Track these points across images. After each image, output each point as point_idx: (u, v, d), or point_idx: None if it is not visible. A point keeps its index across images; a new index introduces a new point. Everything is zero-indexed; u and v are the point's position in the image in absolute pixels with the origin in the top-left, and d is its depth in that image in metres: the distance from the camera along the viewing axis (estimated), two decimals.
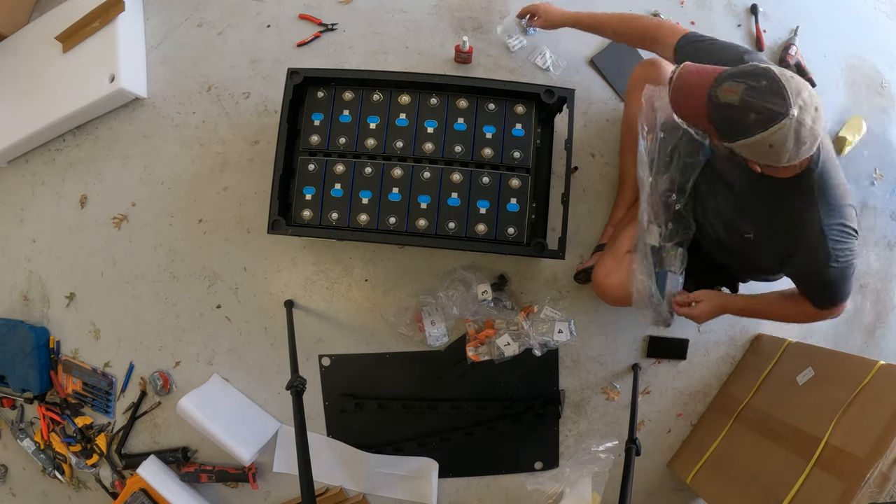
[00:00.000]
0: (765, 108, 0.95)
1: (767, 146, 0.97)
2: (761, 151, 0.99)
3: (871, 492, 1.13)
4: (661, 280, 1.39)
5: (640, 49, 1.48)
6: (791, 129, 0.94)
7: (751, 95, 0.96)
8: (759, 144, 0.97)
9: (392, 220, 1.48)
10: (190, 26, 1.81)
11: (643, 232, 1.37)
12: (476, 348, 1.66)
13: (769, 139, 0.96)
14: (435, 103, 1.51)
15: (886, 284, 1.82)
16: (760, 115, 0.95)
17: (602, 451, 1.69)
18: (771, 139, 0.96)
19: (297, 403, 1.29)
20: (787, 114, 0.94)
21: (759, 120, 0.95)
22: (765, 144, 0.97)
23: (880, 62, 1.87)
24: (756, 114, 0.95)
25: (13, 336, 1.73)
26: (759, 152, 1.00)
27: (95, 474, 1.76)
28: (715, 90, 0.99)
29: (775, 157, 0.99)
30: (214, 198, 1.75)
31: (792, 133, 0.95)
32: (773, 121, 0.94)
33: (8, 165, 1.83)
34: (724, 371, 1.76)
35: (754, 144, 0.98)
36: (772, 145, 0.96)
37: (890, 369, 1.28)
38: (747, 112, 0.96)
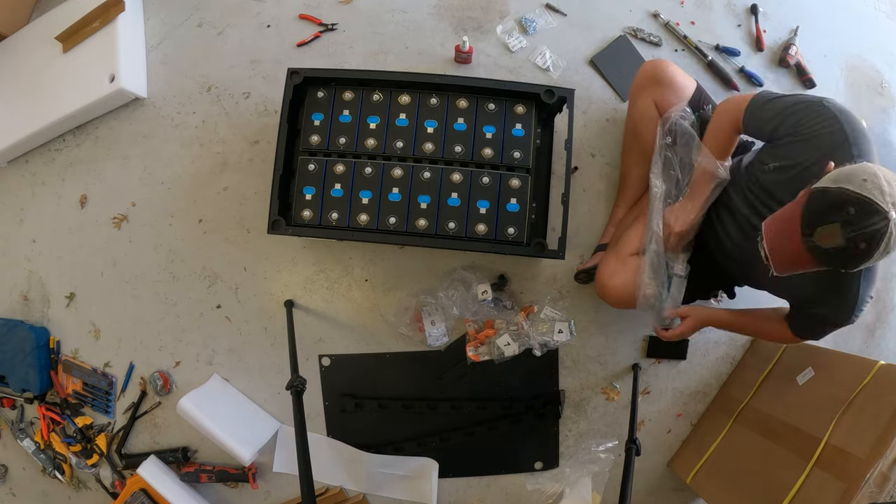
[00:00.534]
0: (872, 232, 0.89)
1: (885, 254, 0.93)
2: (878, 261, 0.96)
3: (871, 492, 1.13)
4: (667, 285, 1.40)
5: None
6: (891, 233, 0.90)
7: (852, 230, 0.90)
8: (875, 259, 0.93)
9: (392, 220, 1.48)
10: (190, 26, 1.81)
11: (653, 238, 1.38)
12: (476, 348, 1.66)
13: (886, 250, 0.92)
14: (435, 103, 1.51)
15: (886, 284, 1.82)
16: (871, 240, 0.90)
17: (602, 451, 1.69)
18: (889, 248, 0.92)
19: (297, 403, 1.29)
20: (888, 218, 0.89)
21: (870, 245, 0.90)
22: (885, 254, 0.93)
23: (880, 62, 1.87)
24: (866, 242, 0.90)
25: (13, 336, 1.73)
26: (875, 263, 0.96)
27: (95, 474, 1.76)
28: (811, 242, 0.94)
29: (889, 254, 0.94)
30: (214, 198, 1.75)
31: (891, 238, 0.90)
32: (882, 237, 0.90)
33: (8, 165, 1.83)
34: (723, 371, 1.76)
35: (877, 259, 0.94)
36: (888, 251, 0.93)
37: (890, 369, 1.28)
38: (856, 246, 0.91)
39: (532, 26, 1.77)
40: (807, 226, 0.94)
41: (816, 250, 0.94)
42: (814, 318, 1.25)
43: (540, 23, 1.78)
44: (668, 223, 1.38)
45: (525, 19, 1.77)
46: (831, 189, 0.93)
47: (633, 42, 1.78)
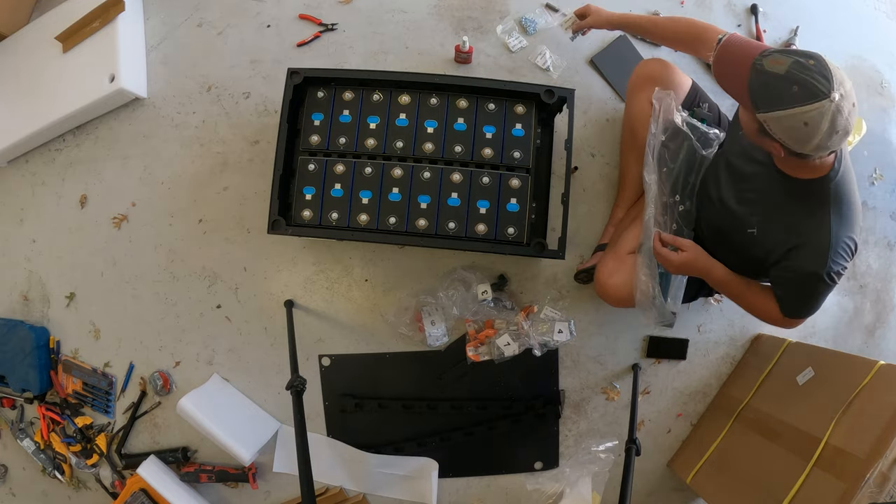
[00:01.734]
0: (809, 83, 0.94)
1: (802, 123, 0.96)
2: (793, 127, 0.98)
3: (871, 492, 1.13)
4: (664, 281, 1.39)
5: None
6: (829, 111, 0.94)
7: (797, 69, 0.95)
8: (794, 119, 0.96)
9: (392, 220, 1.48)
10: (190, 26, 1.81)
11: (648, 234, 1.37)
12: (476, 348, 1.66)
13: (805, 115, 0.95)
14: (435, 103, 1.51)
15: (886, 284, 1.82)
16: (803, 90, 0.94)
17: (602, 451, 1.69)
18: (807, 116, 0.95)
19: (297, 403, 1.29)
20: (830, 96, 0.93)
21: (800, 93, 0.95)
22: (800, 120, 0.96)
23: (880, 62, 1.87)
24: (799, 87, 0.95)
25: (13, 336, 1.73)
26: (791, 128, 0.98)
27: (95, 474, 1.76)
28: (761, 60, 1.00)
29: (805, 138, 0.97)
30: (214, 198, 1.75)
31: (829, 116, 0.94)
32: (814, 97, 0.94)
33: (8, 165, 1.83)
34: (723, 371, 1.76)
35: (789, 118, 0.97)
36: (807, 123, 0.95)
37: (890, 369, 1.28)
38: (791, 84, 0.95)
39: (532, 26, 1.77)
40: (766, 52, 1.01)
41: (756, 68, 1.00)
42: (793, 278, 1.19)
43: (540, 23, 1.78)
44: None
45: (525, 19, 1.77)
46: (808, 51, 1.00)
47: (632, 42, 1.78)
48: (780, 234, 1.19)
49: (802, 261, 1.15)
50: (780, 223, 1.18)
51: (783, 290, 1.24)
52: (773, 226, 1.20)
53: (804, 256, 1.15)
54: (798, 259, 1.16)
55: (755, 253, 1.27)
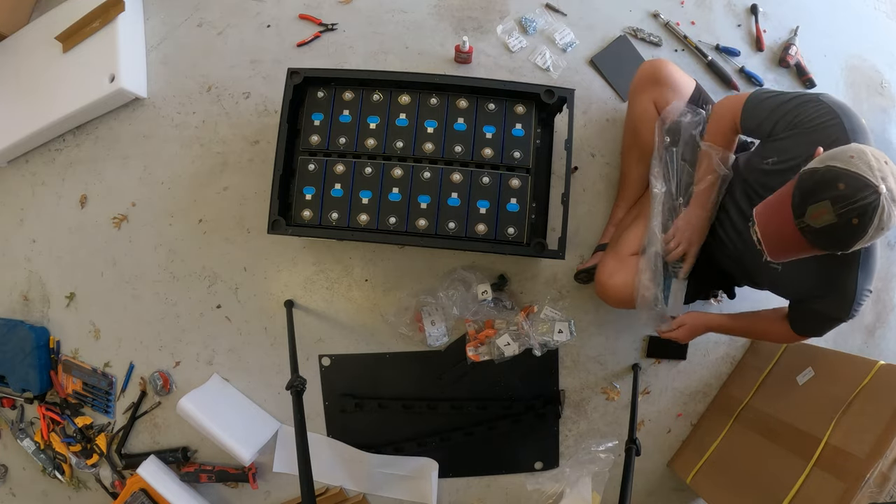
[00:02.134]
0: (862, 207, 0.89)
1: (880, 230, 0.92)
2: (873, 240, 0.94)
3: (872, 492, 1.13)
4: (666, 286, 1.40)
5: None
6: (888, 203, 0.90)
7: (843, 206, 0.89)
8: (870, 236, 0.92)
9: (392, 220, 1.48)
10: (190, 26, 1.81)
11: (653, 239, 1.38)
12: (476, 348, 1.66)
13: (879, 227, 0.91)
14: (435, 103, 1.51)
15: (886, 284, 1.82)
16: (862, 215, 0.89)
17: (602, 451, 1.69)
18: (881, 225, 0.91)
19: (297, 403, 1.29)
20: (879, 192, 0.89)
21: (863, 220, 0.90)
22: (880, 230, 0.92)
23: (880, 62, 1.87)
24: (858, 217, 0.90)
25: (13, 336, 1.73)
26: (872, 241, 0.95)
27: (95, 474, 1.76)
28: (803, 223, 0.94)
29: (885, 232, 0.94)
30: (214, 198, 1.75)
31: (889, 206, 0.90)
32: (875, 211, 0.89)
33: (8, 165, 1.83)
34: (723, 371, 1.76)
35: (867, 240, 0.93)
36: (883, 228, 0.92)
37: (890, 369, 1.28)
38: (848, 222, 0.90)
39: (532, 26, 1.77)
40: (798, 206, 0.94)
41: (808, 230, 0.94)
42: (814, 314, 1.25)
43: (540, 23, 1.78)
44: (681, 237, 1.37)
45: (525, 19, 1.77)
46: (819, 168, 0.94)
47: (633, 42, 1.78)
48: (805, 277, 1.20)
49: (826, 307, 1.20)
50: (807, 268, 1.17)
51: (803, 319, 1.30)
52: (799, 268, 1.18)
53: (829, 304, 1.19)
54: (822, 305, 1.20)
55: (775, 286, 1.31)
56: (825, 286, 1.17)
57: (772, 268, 1.24)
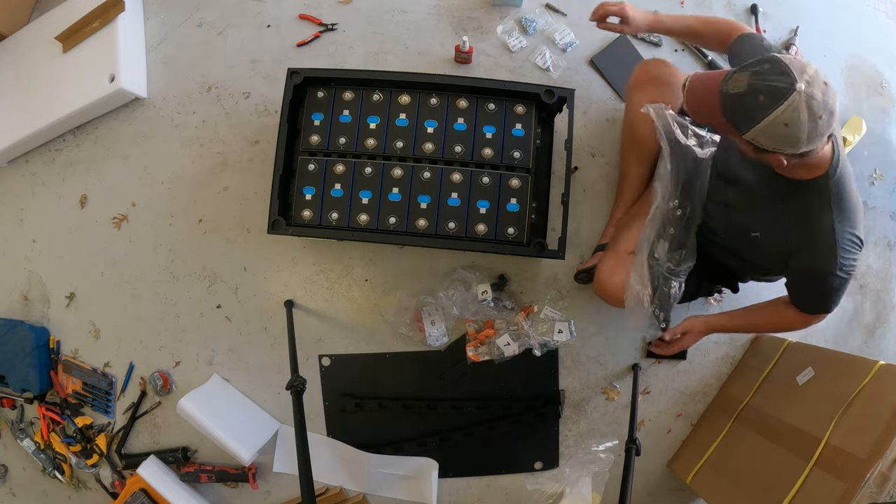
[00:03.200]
0: (771, 86, 0.95)
1: (783, 125, 0.96)
2: (779, 135, 0.98)
3: (872, 492, 1.13)
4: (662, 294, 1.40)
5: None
6: (802, 102, 0.94)
7: (755, 79, 0.97)
8: (775, 126, 0.97)
9: (392, 220, 1.48)
10: (190, 26, 1.81)
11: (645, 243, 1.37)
12: (476, 348, 1.66)
13: (782, 118, 0.95)
14: (435, 103, 1.51)
15: (886, 284, 1.82)
16: (768, 95, 0.95)
17: (602, 451, 1.69)
18: (784, 117, 0.95)
19: (296, 403, 1.29)
20: (795, 88, 0.94)
21: (767, 100, 0.96)
22: (780, 125, 0.96)
23: (880, 62, 1.87)
24: (764, 94, 0.96)
25: (13, 336, 1.73)
26: (778, 136, 0.98)
27: (95, 474, 1.76)
28: (724, 85, 1.02)
29: (795, 137, 0.97)
30: (214, 198, 1.75)
31: (804, 107, 0.94)
32: (781, 97, 0.94)
33: (8, 165, 1.83)
34: (723, 371, 1.76)
35: (769, 128, 0.97)
36: (787, 124, 0.96)
37: (890, 369, 1.28)
38: (756, 95, 0.97)
39: (532, 26, 1.77)
40: (730, 73, 1.02)
41: (723, 95, 1.02)
42: (808, 280, 1.21)
43: (540, 23, 1.78)
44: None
45: (525, 19, 1.77)
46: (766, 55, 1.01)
47: (633, 42, 1.78)
48: (785, 236, 1.19)
49: (812, 261, 1.16)
50: (783, 225, 1.19)
51: (800, 290, 1.26)
52: (777, 229, 1.21)
53: (813, 257, 1.15)
54: (807, 260, 1.17)
55: (762, 255, 1.28)
56: (804, 237, 1.16)
57: (756, 240, 1.24)
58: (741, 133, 1.02)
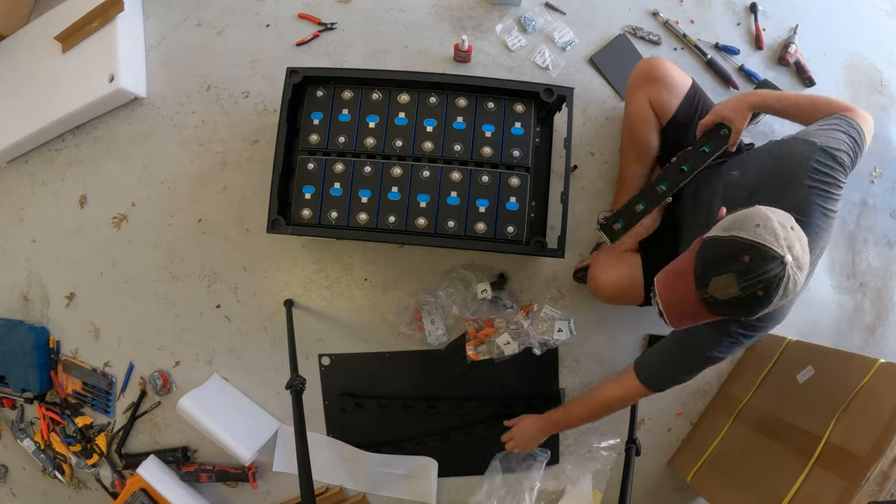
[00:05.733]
0: (767, 279, 0.87)
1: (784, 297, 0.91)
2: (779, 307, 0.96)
3: (872, 490, 1.13)
4: None
5: None
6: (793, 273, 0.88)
7: (747, 279, 0.88)
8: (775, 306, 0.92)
9: (391, 219, 1.48)
10: (189, 26, 1.81)
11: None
12: (476, 347, 1.66)
13: (784, 296, 0.90)
14: (434, 102, 1.51)
15: (886, 283, 1.82)
16: (768, 287, 0.88)
17: (604, 448, 1.69)
18: (785, 295, 0.90)
19: (296, 403, 1.29)
20: (784, 263, 0.87)
21: (768, 292, 0.88)
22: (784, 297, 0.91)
23: (880, 60, 1.87)
24: (763, 289, 0.88)
25: (13, 336, 1.73)
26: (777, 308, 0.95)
27: (95, 474, 1.76)
28: (706, 293, 0.92)
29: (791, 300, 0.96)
30: (214, 197, 1.75)
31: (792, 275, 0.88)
32: (780, 282, 0.88)
33: (7, 165, 1.83)
34: (724, 369, 1.76)
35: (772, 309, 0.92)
36: (788, 297, 0.91)
37: (890, 368, 1.27)
38: (753, 293, 0.88)
39: (531, 25, 1.77)
40: (701, 276, 0.92)
41: (712, 301, 0.91)
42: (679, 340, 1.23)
43: (539, 21, 1.78)
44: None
45: (524, 18, 1.77)
46: (723, 237, 0.91)
47: (632, 41, 1.78)
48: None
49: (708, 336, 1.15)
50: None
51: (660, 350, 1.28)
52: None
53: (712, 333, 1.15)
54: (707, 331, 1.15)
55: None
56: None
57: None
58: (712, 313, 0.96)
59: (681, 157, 1.35)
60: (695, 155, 1.34)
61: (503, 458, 1.67)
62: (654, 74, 1.44)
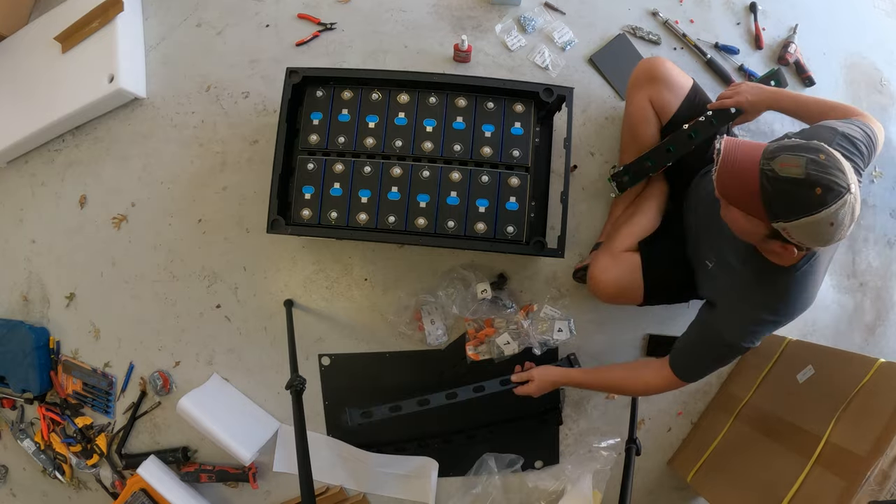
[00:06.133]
0: (832, 182, 0.87)
1: (829, 224, 0.89)
2: (819, 231, 0.91)
3: (872, 490, 1.13)
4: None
5: None
6: (850, 204, 0.89)
7: (815, 169, 0.88)
8: (822, 222, 0.89)
9: (391, 219, 1.48)
10: (189, 26, 1.81)
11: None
12: (476, 347, 1.66)
13: (833, 216, 0.88)
14: (434, 102, 1.51)
15: (886, 282, 1.82)
16: (827, 191, 0.88)
17: (604, 448, 1.69)
18: (834, 216, 0.89)
19: (296, 403, 1.29)
20: (849, 189, 0.88)
21: (825, 196, 0.88)
22: (827, 222, 0.89)
23: (879, 60, 1.87)
24: (822, 189, 0.87)
25: (13, 336, 1.73)
26: (816, 232, 0.92)
27: (96, 474, 1.76)
28: (769, 164, 0.91)
29: (829, 236, 0.92)
30: (213, 197, 1.75)
31: (850, 208, 0.89)
32: (839, 196, 0.88)
33: (7, 166, 1.83)
34: (724, 369, 1.76)
35: (815, 223, 0.90)
36: (832, 223, 0.89)
37: (890, 367, 1.27)
38: (812, 186, 0.88)
39: (531, 25, 1.77)
40: (772, 151, 0.92)
41: (769, 175, 0.91)
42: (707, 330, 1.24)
43: (539, 21, 1.78)
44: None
45: (524, 18, 1.77)
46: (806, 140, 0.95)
47: (631, 40, 1.78)
48: (725, 289, 1.21)
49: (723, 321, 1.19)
50: (730, 281, 1.20)
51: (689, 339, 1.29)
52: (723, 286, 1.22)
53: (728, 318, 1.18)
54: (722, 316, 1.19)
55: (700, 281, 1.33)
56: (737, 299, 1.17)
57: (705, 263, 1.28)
58: (775, 220, 0.93)
59: (691, 126, 1.42)
60: (704, 125, 1.41)
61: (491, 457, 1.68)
62: (654, 74, 1.44)
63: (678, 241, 1.44)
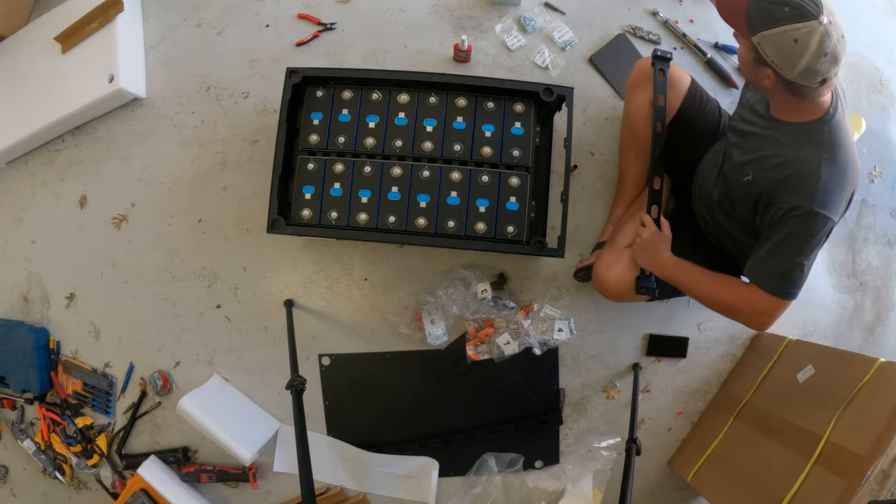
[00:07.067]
0: (800, 4, 0.99)
1: (792, 40, 1.00)
2: (783, 45, 1.01)
3: (872, 489, 1.12)
4: None
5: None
6: (818, 32, 0.98)
7: None
8: (785, 36, 1.00)
9: (391, 219, 1.48)
10: (189, 26, 1.81)
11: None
12: (476, 347, 1.66)
13: (795, 33, 0.99)
14: (434, 102, 1.51)
15: (886, 282, 1.82)
16: (794, 10, 0.99)
17: (604, 448, 1.69)
18: (797, 33, 0.99)
19: (296, 403, 1.29)
20: (818, 17, 0.98)
21: (791, 13, 0.99)
22: (790, 38, 1.00)
23: (879, 60, 1.87)
24: (790, 7, 0.99)
25: (13, 336, 1.73)
26: (781, 46, 1.02)
27: (96, 475, 1.76)
28: None
29: (796, 56, 1.01)
30: (214, 197, 1.75)
31: (818, 37, 0.98)
32: (804, 17, 0.99)
33: (7, 166, 1.83)
34: (724, 369, 1.76)
35: (780, 36, 1.01)
36: (796, 40, 1.00)
37: (890, 367, 1.27)
38: (783, 5, 1.00)
39: (531, 25, 1.77)
40: None
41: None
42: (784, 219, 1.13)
43: (539, 21, 1.78)
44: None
45: (524, 18, 1.77)
46: None
47: (631, 40, 1.78)
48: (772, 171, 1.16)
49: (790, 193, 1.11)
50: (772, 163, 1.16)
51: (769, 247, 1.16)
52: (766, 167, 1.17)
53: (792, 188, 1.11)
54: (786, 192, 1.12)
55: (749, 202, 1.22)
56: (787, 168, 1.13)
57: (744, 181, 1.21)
58: (751, 34, 1.05)
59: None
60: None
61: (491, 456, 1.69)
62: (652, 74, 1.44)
63: (682, 235, 1.43)
